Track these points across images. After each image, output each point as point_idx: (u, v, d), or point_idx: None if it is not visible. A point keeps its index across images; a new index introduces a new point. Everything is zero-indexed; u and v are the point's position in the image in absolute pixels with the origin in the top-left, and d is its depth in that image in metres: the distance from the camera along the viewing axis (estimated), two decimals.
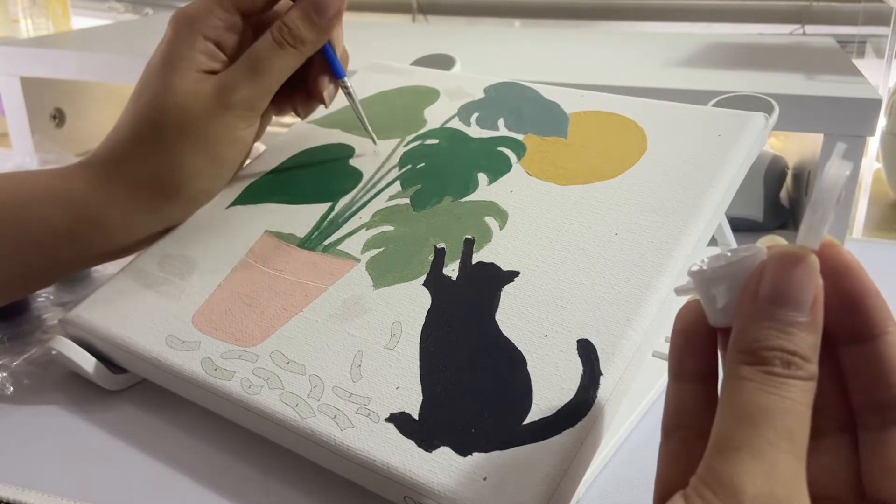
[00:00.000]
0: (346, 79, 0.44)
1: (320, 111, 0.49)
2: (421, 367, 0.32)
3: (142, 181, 0.40)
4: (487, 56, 0.68)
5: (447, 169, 0.42)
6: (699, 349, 0.25)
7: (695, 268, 0.24)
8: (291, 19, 0.40)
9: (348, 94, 0.44)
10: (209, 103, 0.39)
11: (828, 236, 0.23)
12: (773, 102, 0.41)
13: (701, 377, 0.25)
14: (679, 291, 0.26)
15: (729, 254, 0.24)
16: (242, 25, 0.41)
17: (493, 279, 0.35)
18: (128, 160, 0.40)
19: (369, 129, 0.45)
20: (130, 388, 0.39)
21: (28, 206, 0.38)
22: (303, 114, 0.45)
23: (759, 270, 0.23)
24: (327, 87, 0.44)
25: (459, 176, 0.41)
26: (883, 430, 0.23)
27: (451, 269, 0.36)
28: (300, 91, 0.44)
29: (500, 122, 0.45)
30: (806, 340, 0.22)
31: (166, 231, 0.42)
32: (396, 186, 0.42)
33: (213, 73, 0.40)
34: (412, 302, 0.35)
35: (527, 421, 0.29)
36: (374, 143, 0.45)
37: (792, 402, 0.21)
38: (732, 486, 0.20)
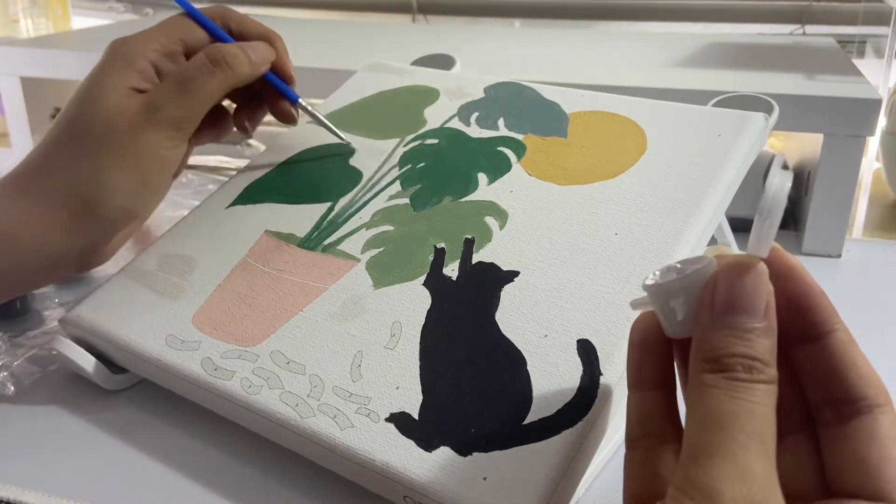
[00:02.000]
0: (300, 100, 0.44)
1: (320, 110, 0.49)
2: (421, 367, 0.32)
3: (58, 197, 0.38)
4: (487, 56, 0.68)
5: (447, 169, 0.42)
6: (657, 359, 0.26)
7: (650, 281, 0.24)
8: (231, 49, 0.40)
9: (309, 113, 0.45)
10: (134, 119, 0.38)
11: (773, 242, 0.24)
12: (773, 102, 0.41)
13: (660, 385, 0.26)
14: (635, 305, 0.26)
15: (679, 265, 0.24)
16: (183, 57, 0.41)
17: (493, 279, 0.35)
18: (45, 174, 0.38)
19: (338, 133, 0.45)
20: (130, 388, 0.39)
21: None
22: (251, 127, 0.46)
23: (712, 281, 0.23)
24: (289, 113, 0.45)
25: (459, 176, 0.41)
26: (840, 425, 0.23)
27: (451, 269, 0.36)
28: (247, 108, 0.45)
29: (500, 122, 0.45)
30: (764, 345, 0.22)
31: (81, 257, 0.39)
32: (396, 186, 0.42)
33: (143, 91, 0.39)
34: (412, 302, 0.35)
35: (526, 421, 0.29)
36: (345, 143, 0.46)
37: (757, 405, 0.21)
38: (710, 492, 0.20)
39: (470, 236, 0.37)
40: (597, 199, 0.38)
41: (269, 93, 0.44)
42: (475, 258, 0.36)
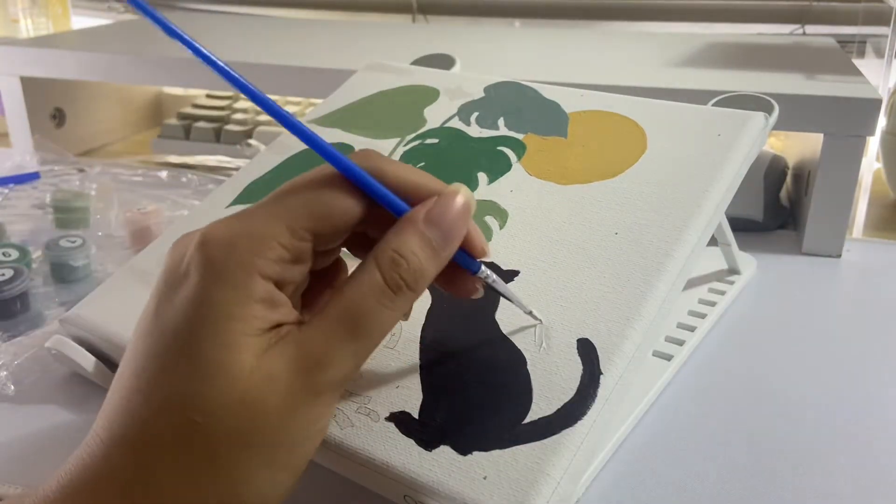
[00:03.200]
0: (483, 268, 0.30)
1: (320, 110, 0.49)
2: (421, 367, 0.32)
3: None
4: (487, 56, 0.68)
5: (447, 168, 0.42)
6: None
7: None
8: (409, 248, 0.26)
9: (492, 285, 0.30)
10: (291, 389, 0.24)
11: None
12: (773, 102, 0.41)
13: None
14: None
15: None
16: (310, 251, 0.27)
17: None
18: (143, 492, 0.23)
19: (529, 309, 0.32)
20: None
21: None
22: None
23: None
24: (471, 289, 0.30)
25: (459, 175, 0.41)
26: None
27: None
28: None
29: (500, 122, 0.45)
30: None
31: None
32: None
33: (275, 327, 0.25)
34: None
35: (526, 420, 0.29)
36: (537, 320, 0.33)
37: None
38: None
39: None
40: (597, 199, 0.38)
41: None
42: None
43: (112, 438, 0.24)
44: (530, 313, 0.32)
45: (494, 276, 0.30)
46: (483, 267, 0.30)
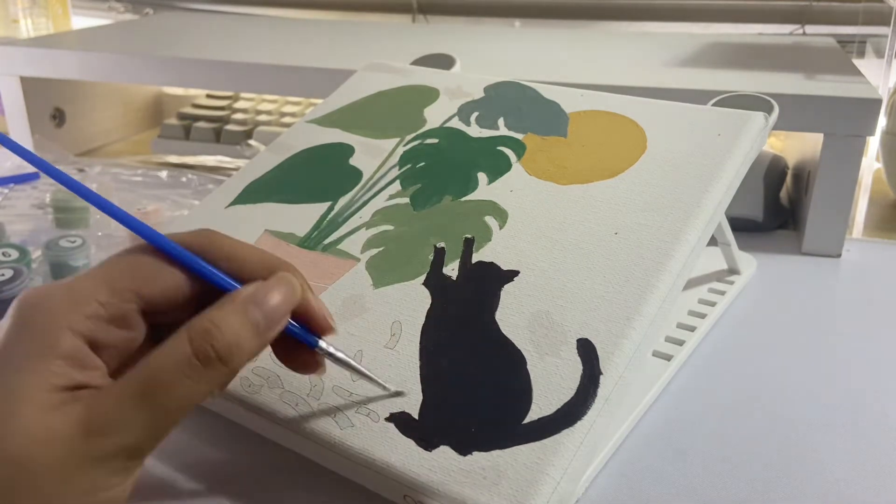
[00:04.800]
0: (322, 344, 0.29)
1: (320, 110, 0.49)
2: (421, 367, 0.32)
3: None
4: (487, 56, 0.68)
5: (447, 168, 0.42)
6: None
7: None
8: (227, 322, 0.25)
9: (337, 360, 0.30)
10: (69, 451, 0.23)
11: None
12: (773, 102, 0.41)
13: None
14: None
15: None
16: (139, 316, 0.26)
17: (493, 279, 0.35)
18: None
19: (377, 379, 0.31)
20: None
21: None
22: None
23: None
24: (312, 364, 0.30)
25: (459, 175, 0.41)
26: None
27: (451, 269, 0.36)
28: None
29: (500, 122, 0.45)
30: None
31: None
32: (396, 186, 0.42)
33: (77, 388, 0.24)
34: (412, 301, 0.35)
35: (526, 420, 0.29)
36: (391, 391, 0.32)
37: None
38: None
39: (470, 236, 0.37)
40: (597, 199, 0.38)
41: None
42: (475, 258, 0.36)
43: None
44: (383, 387, 0.32)
45: (334, 349, 0.29)
46: (321, 342, 0.29)
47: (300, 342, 0.29)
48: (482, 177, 0.41)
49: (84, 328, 0.25)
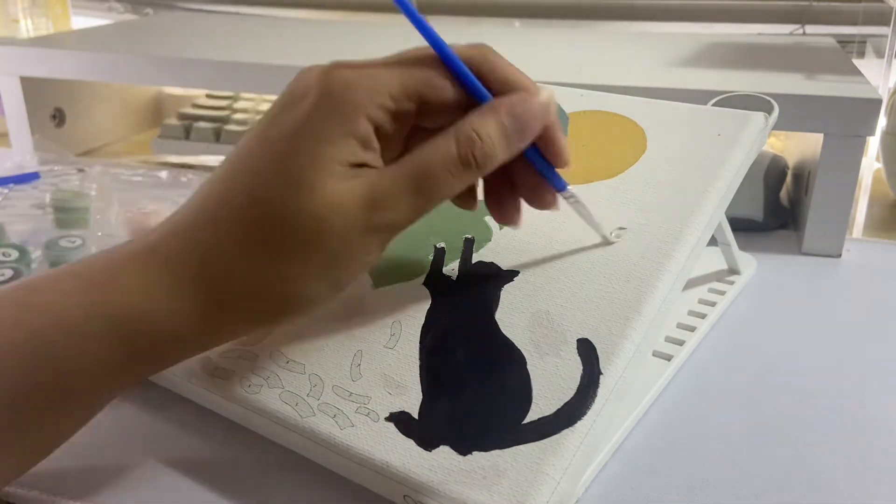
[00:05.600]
0: (568, 188, 0.33)
1: None
2: (421, 367, 0.32)
3: (237, 298, 0.29)
4: None
5: None
6: None
7: None
8: (485, 130, 0.29)
9: (575, 204, 0.34)
10: (354, 218, 0.28)
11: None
12: (773, 102, 0.41)
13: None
14: None
15: None
16: (411, 118, 0.30)
17: (492, 279, 0.35)
18: (217, 267, 0.28)
19: (605, 234, 0.36)
20: None
21: (57, 344, 0.27)
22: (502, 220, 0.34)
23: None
24: (549, 202, 0.33)
25: None
26: None
27: (451, 269, 0.36)
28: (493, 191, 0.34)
29: None
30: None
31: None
32: None
33: (361, 166, 0.28)
34: (412, 301, 0.35)
35: (526, 420, 0.29)
36: (610, 241, 0.36)
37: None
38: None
39: (470, 236, 0.37)
40: (596, 199, 0.38)
41: (522, 168, 0.32)
42: (475, 258, 0.36)
43: (203, 214, 0.29)
44: (607, 239, 0.35)
45: (577, 196, 0.33)
46: (570, 188, 0.33)
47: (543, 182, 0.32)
48: None
49: (376, 116, 0.28)
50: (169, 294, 0.28)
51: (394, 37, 0.77)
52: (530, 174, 0.32)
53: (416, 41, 0.30)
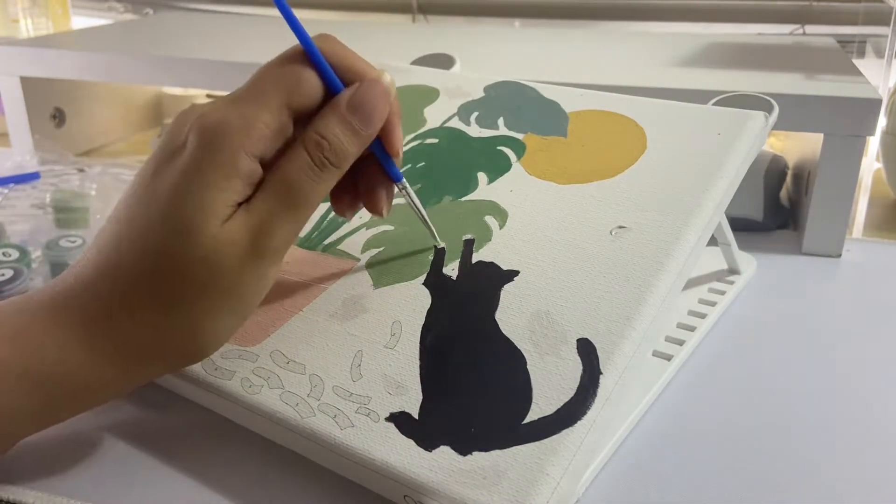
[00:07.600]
0: (403, 180, 0.35)
1: None
2: (421, 367, 0.32)
3: (147, 347, 0.30)
4: (487, 56, 0.68)
5: (447, 168, 0.42)
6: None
7: None
8: (331, 132, 0.30)
9: (407, 195, 0.36)
10: (242, 252, 0.29)
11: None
12: (773, 102, 0.41)
13: None
14: None
15: None
16: (291, 123, 0.31)
17: (493, 278, 0.35)
18: (124, 319, 0.29)
19: (434, 231, 0.37)
20: None
21: None
22: (349, 215, 0.37)
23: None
24: (383, 196, 0.35)
25: (459, 175, 0.41)
26: None
27: (451, 269, 0.36)
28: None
29: (500, 122, 0.45)
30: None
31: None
32: None
33: (247, 200, 0.30)
34: (412, 301, 0.35)
35: (526, 420, 0.29)
36: (438, 244, 0.38)
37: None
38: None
39: (470, 236, 0.37)
40: (596, 199, 0.38)
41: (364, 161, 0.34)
42: (475, 258, 0.36)
43: (105, 264, 0.30)
44: (435, 238, 0.37)
45: (410, 189, 0.35)
46: (404, 179, 0.35)
47: (378, 178, 0.34)
48: (482, 177, 0.41)
49: (255, 148, 0.29)
50: (82, 347, 0.29)
51: (394, 37, 0.77)
52: (369, 163, 0.34)
53: (416, 39, 0.30)
